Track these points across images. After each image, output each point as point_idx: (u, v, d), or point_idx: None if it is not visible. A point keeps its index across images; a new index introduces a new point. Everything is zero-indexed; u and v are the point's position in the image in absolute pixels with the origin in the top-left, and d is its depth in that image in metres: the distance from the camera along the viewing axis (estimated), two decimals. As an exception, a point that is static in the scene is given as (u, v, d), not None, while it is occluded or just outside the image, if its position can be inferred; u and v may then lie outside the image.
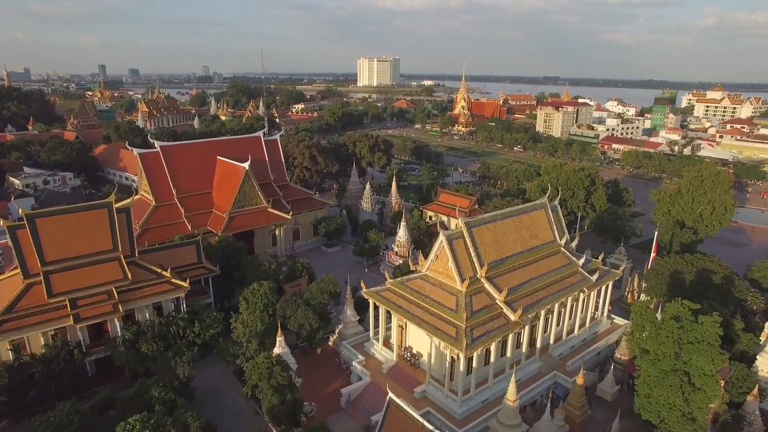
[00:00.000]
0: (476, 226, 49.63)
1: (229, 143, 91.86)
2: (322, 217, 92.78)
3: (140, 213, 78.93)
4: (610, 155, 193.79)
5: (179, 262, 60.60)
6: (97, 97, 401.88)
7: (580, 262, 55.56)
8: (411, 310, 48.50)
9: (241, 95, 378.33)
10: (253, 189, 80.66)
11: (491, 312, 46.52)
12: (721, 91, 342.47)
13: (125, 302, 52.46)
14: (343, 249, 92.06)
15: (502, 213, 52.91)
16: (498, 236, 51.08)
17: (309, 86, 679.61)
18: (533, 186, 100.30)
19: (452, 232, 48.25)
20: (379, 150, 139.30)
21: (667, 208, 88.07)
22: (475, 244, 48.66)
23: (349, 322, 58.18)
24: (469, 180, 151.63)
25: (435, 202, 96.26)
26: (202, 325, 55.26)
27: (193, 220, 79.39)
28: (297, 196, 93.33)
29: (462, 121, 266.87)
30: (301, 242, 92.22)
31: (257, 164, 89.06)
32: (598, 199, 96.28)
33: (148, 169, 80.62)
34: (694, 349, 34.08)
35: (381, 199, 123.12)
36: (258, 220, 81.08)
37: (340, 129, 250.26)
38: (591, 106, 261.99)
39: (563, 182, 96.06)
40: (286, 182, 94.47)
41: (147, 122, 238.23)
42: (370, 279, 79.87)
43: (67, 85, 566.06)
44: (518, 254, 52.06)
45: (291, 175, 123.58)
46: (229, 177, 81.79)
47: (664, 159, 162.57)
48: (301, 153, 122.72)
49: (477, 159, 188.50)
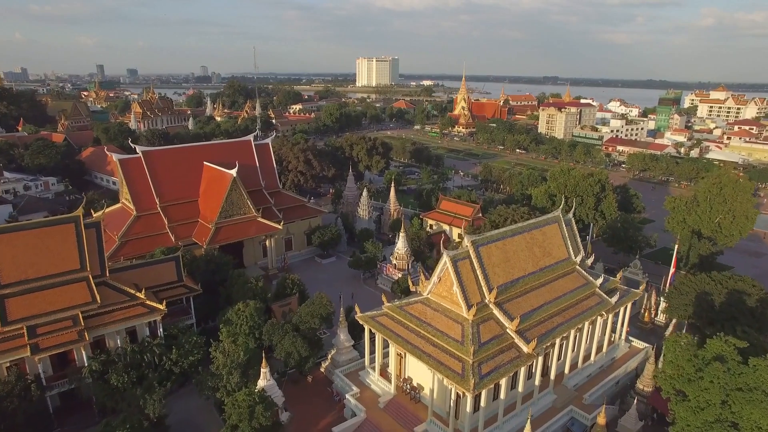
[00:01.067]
0: (484, 244, 44.32)
1: (218, 148, 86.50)
2: (316, 226, 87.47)
3: (122, 223, 73.65)
4: (614, 157, 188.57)
5: (157, 280, 55.26)
6: (92, 97, 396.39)
7: (597, 282, 50.26)
8: (411, 340, 43.19)
9: (238, 95, 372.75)
10: (241, 197, 75.30)
11: (501, 343, 41.21)
12: (724, 91, 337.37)
13: (93, 328, 47.13)
14: (338, 260, 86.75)
15: (512, 229, 47.59)
16: (508, 255, 45.78)
17: (307, 86, 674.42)
18: (539, 192, 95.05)
19: (457, 253, 42.92)
20: (377, 153, 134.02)
21: (683, 216, 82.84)
22: (482, 266, 43.36)
23: (343, 347, 52.87)
24: (470, 184, 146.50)
25: (436, 210, 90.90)
26: (181, 352, 49.85)
27: (176, 231, 74.05)
28: (289, 203, 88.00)
29: (462, 122, 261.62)
30: (293, 253, 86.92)
31: (247, 170, 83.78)
32: (608, 206, 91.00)
33: (129, 176, 75.25)
34: (745, 399, 28.87)
35: (379, 205, 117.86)
36: (247, 230, 75.74)
37: (337, 130, 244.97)
38: (594, 107, 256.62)
39: (571, 189, 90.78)
40: (278, 189, 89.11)
41: (140, 123, 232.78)
42: (366, 294, 74.67)
43: (63, 86, 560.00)
44: (530, 275, 46.76)
45: (285, 179, 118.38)
46: (216, 184, 76.46)
47: (671, 162, 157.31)
48: (296, 157, 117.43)
49: (478, 161, 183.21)
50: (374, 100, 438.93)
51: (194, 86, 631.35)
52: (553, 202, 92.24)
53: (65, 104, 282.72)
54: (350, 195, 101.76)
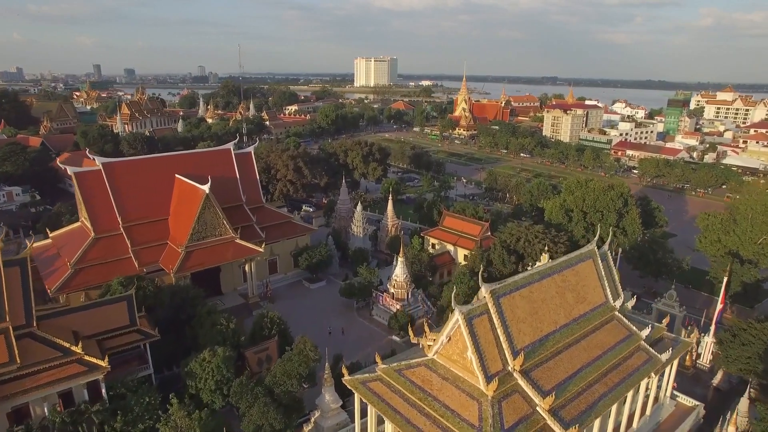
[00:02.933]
0: (506, 294, 34.63)
1: (193, 158, 76.65)
2: (304, 246, 77.74)
3: (79, 246, 63.84)
4: (624, 162, 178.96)
5: (104, 325, 45.56)
6: (83, 98, 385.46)
7: (643, 333, 40.56)
8: (412, 419, 33.49)
9: (233, 96, 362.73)
10: (216, 216, 65.54)
11: (531, 428, 31.54)
12: (731, 92, 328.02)
13: (10, 397, 37.38)
14: (329, 284, 77.03)
15: (540, 271, 37.89)
16: (535, 306, 36.11)
17: (305, 86, 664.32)
18: (554, 206, 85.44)
19: (472, 309, 33.18)
20: (373, 160, 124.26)
21: (718, 235, 73.26)
22: (504, 322, 33.69)
23: (329, 410, 43.12)
24: (474, 192, 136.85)
25: (439, 228, 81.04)
26: (128, 418, 40.21)
27: (141, 255, 64.31)
28: (274, 220, 78.28)
29: (463, 124, 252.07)
30: (278, 276, 77.27)
31: (225, 183, 74.16)
32: (631, 222, 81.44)
33: (86, 192, 65.39)
34: None
35: (376, 217, 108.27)
36: (223, 254, 65.99)
37: (333, 133, 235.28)
38: (600, 109, 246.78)
39: (590, 203, 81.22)
40: (262, 204, 79.30)
41: (128, 126, 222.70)
42: (359, 328, 65.14)
43: (55, 86, 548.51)
44: (563, 329, 37.09)
45: (273, 189, 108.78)
46: (187, 201, 66.70)
47: (687, 168, 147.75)
48: (285, 164, 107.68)
49: (482, 167, 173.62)
50: (372, 101, 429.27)
51: (189, 86, 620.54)
52: (570, 218, 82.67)
53: (51, 105, 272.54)
54: (343, 208, 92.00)
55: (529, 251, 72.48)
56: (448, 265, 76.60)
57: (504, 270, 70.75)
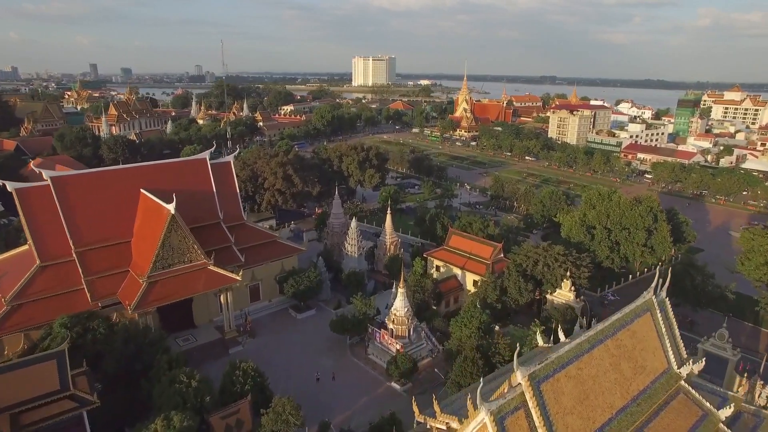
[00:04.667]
0: (548, 377, 25.10)
1: (163, 170, 66.76)
2: (291, 269, 68.11)
3: (23, 275, 54.15)
4: (635, 166, 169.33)
5: (24, 393, 35.89)
6: (74, 97, 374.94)
7: (722, 414, 31.03)
8: None
9: (227, 96, 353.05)
10: (184, 240, 55.87)
11: None
12: (739, 91, 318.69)
13: None
14: (319, 312, 67.46)
15: (588, 338, 28.32)
16: (585, 388, 26.59)
17: (302, 86, 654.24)
18: (572, 222, 76.05)
19: (504, 405, 23.63)
20: (371, 166, 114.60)
21: (765, 258, 63.88)
22: (548, 419, 24.18)
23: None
24: (478, 200, 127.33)
25: (444, 248, 71.26)
26: None
27: (96, 286, 54.61)
28: (257, 239, 68.59)
29: (464, 125, 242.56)
30: (261, 304, 67.75)
31: (200, 199, 64.64)
32: (661, 241, 72.12)
33: (30, 212, 55.66)
34: None
35: (373, 229, 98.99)
36: (193, 285, 56.29)
37: (330, 134, 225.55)
38: (608, 110, 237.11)
39: (616, 219, 71.81)
40: (243, 221, 69.58)
41: (114, 127, 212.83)
42: (353, 371, 55.69)
43: (47, 85, 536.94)
44: (620, 414, 27.58)
45: (261, 199, 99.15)
46: (152, 222, 57.05)
47: (706, 173, 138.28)
48: (273, 172, 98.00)
49: (485, 171, 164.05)
50: (370, 100, 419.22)
51: (184, 86, 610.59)
52: (592, 236, 73.21)
53: (36, 105, 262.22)
54: (336, 223, 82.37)
55: (549, 277, 63.14)
56: (455, 292, 67.09)
57: (520, 300, 61.39)
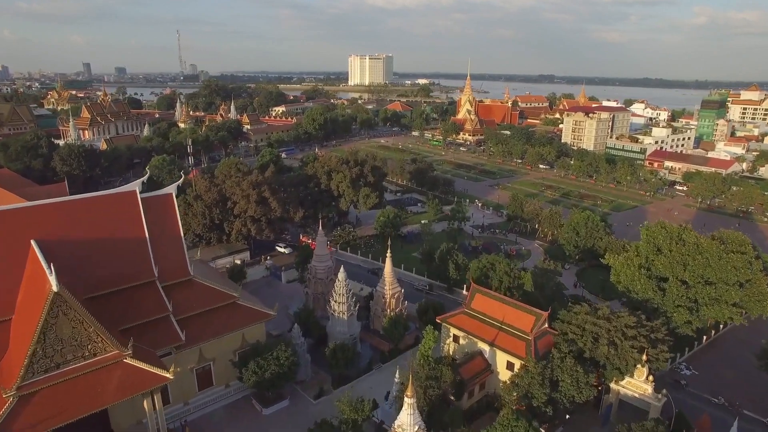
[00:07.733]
0: None
1: (72, 209, 47.44)
2: (254, 343, 49.22)
3: None
4: (663, 176, 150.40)
5: None
6: (54, 98, 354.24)
7: None
8: None
9: (215, 96, 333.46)
10: (80, 326, 36.89)
11: None
12: (758, 90, 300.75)
13: None
14: (293, 403, 48.72)
15: None
16: None
17: (297, 85, 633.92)
18: (629, 269, 57.29)
19: None
20: (366, 184, 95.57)
21: None
22: None
23: None
24: (493, 222, 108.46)
25: (465, 310, 51.98)
26: None
27: (-56, 398, 35.55)
28: (207, 303, 49.40)
29: (468, 129, 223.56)
30: (215, 391, 48.89)
31: (125, 249, 45.88)
32: (758, 297, 53.51)
33: None
34: None
35: (369, 264, 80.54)
36: (98, 392, 37.32)
37: (322, 139, 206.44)
38: (627, 112, 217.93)
39: (697, 271, 53.04)
40: (188, 276, 50.26)
41: (85, 131, 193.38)
42: None
43: (30, 85, 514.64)
44: None
45: (230, 228, 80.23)
46: (32, 298, 38.09)
47: (752, 186, 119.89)
48: (244, 195, 79.00)
49: (496, 183, 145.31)
50: (367, 101, 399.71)
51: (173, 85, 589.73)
52: (664, 292, 54.47)
53: (4, 107, 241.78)
54: (320, 267, 63.36)
55: (615, 360, 44.55)
56: (481, 376, 48.22)
57: (578, 398, 42.54)
